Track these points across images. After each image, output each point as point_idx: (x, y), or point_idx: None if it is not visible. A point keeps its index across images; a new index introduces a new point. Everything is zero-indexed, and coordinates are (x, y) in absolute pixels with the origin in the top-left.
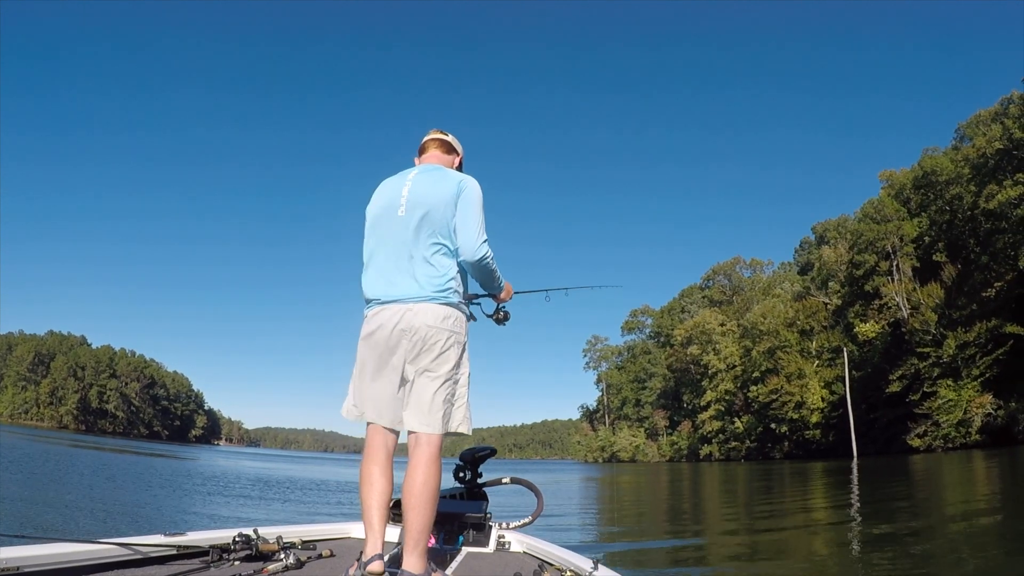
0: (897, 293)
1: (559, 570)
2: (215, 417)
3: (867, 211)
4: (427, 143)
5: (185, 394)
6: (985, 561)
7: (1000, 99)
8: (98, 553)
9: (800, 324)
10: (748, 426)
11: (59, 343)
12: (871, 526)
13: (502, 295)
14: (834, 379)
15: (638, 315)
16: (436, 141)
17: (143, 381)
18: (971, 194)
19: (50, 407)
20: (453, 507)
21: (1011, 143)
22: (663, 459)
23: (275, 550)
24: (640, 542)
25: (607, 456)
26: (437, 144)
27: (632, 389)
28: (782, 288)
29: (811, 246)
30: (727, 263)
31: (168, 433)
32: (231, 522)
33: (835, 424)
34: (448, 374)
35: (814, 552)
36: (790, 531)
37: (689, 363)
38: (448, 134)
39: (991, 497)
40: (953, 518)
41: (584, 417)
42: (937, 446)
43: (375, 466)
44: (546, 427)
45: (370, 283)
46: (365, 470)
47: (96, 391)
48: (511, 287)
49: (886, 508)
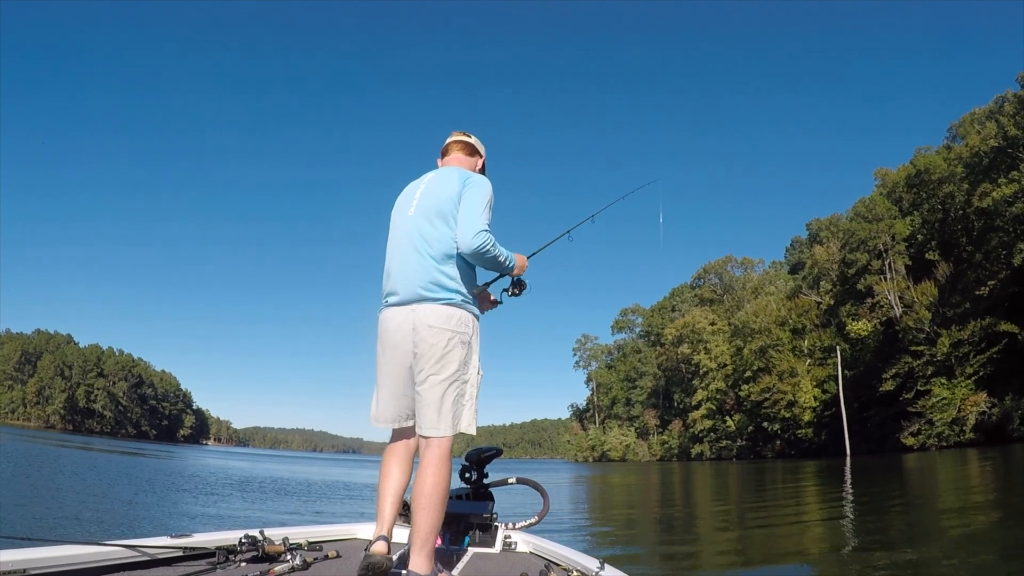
0: (890, 291)
1: (565, 570)
2: (203, 417)
3: (859, 210)
4: (449, 145)
5: (173, 393)
6: (979, 560)
7: (995, 97)
8: (104, 555)
9: (792, 323)
10: (739, 425)
11: (46, 342)
12: (867, 524)
13: (515, 272)
14: (826, 378)
15: (628, 314)
16: (459, 143)
17: (131, 380)
18: (964, 192)
19: (37, 407)
20: (459, 508)
21: (1006, 141)
22: (653, 458)
23: (281, 551)
24: (639, 542)
25: (597, 455)
26: (460, 146)
27: (622, 388)
28: (775, 286)
29: (802, 245)
30: (718, 262)
31: (156, 433)
32: (236, 523)
33: (827, 423)
34: (454, 375)
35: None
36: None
37: (680, 362)
38: (471, 136)
39: (985, 496)
40: (947, 517)
41: (574, 416)
42: (931, 444)
43: (393, 460)
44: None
45: (384, 284)
46: (383, 464)
47: (83, 390)
48: (523, 258)
49: (880, 506)
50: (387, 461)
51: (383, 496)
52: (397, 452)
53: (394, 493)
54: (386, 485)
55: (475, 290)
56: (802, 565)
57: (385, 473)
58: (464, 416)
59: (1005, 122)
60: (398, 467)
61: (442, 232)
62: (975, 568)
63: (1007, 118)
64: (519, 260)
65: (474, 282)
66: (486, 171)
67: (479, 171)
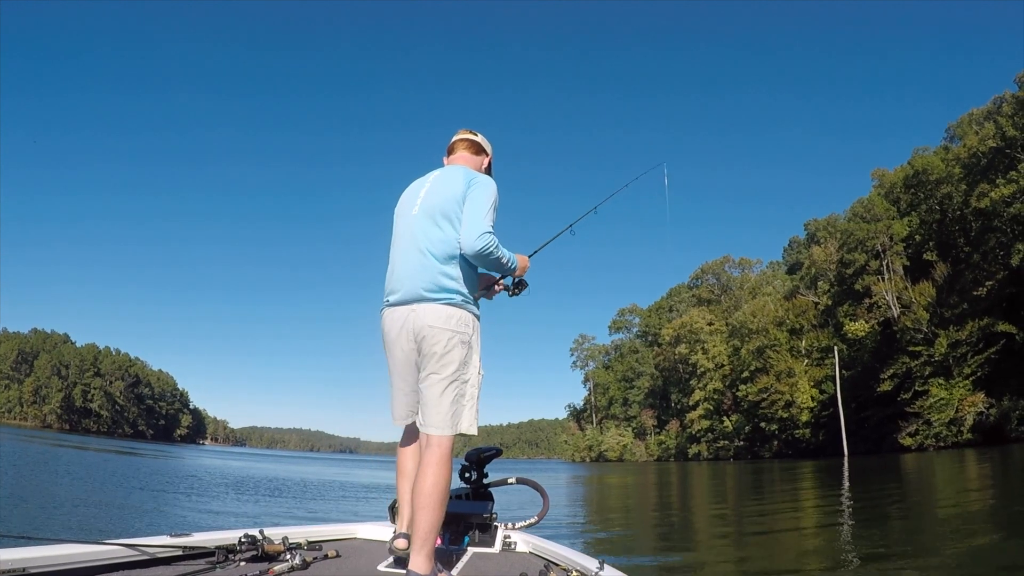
0: (888, 292)
1: (565, 570)
2: (200, 416)
3: (857, 210)
4: (455, 143)
5: (170, 393)
6: (976, 560)
7: (993, 98)
8: (104, 554)
9: (789, 323)
10: (737, 425)
11: (43, 341)
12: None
13: (517, 272)
14: (824, 378)
15: (625, 314)
16: (465, 142)
17: (128, 380)
18: (962, 193)
19: (34, 406)
20: (459, 507)
21: (1004, 141)
22: (651, 459)
23: (281, 551)
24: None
25: (594, 456)
26: (466, 145)
27: (619, 388)
28: (772, 287)
29: (800, 245)
30: (716, 262)
31: (153, 432)
32: (232, 523)
33: (825, 423)
34: (454, 375)
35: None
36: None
37: (677, 362)
38: (477, 134)
39: (983, 496)
40: (947, 521)
41: (571, 416)
42: (929, 445)
43: (407, 456)
44: (533, 426)
45: (386, 283)
46: (400, 462)
47: (80, 390)
48: (525, 259)
49: (878, 509)
50: (403, 459)
51: (402, 492)
52: (411, 449)
53: (411, 491)
54: (403, 482)
55: (481, 284)
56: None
57: (403, 471)
58: (464, 417)
59: (1003, 123)
60: (412, 461)
61: (445, 232)
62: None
63: (1005, 119)
64: (521, 261)
65: (475, 282)
66: (492, 170)
67: (485, 170)
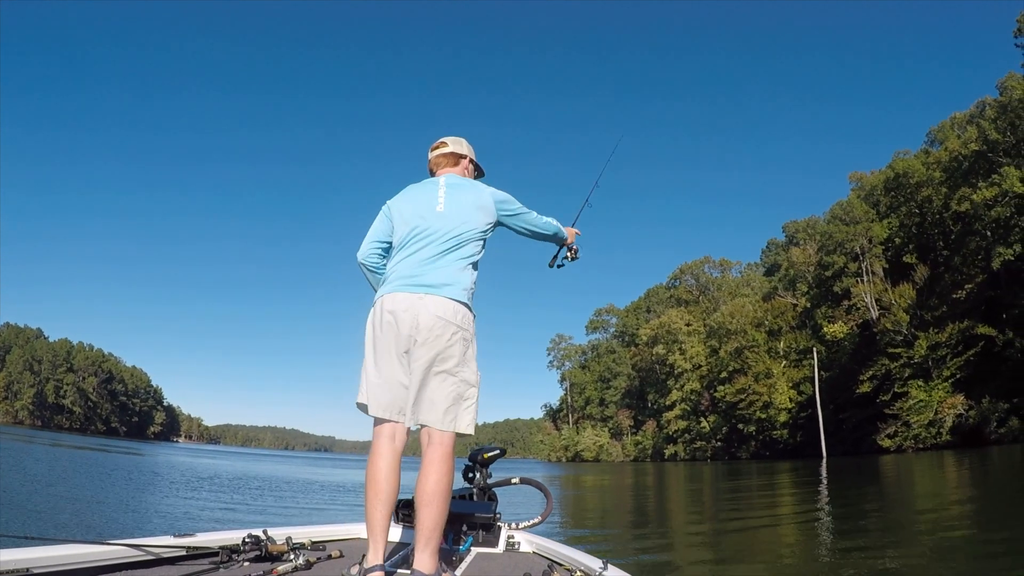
0: (867, 294)
1: (569, 570)
2: (174, 414)
3: (836, 213)
4: (434, 162)
5: (144, 389)
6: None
7: (975, 102)
8: (107, 554)
9: (768, 324)
10: (714, 426)
11: (15, 336)
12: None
13: (568, 240)
14: (802, 379)
15: (603, 314)
16: (441, 157)
17: (101, 376)
18: (942, 196)
19: (5, 401)
20: (463, 507)
21: (986, 145)
22: (627, 459)
23: (284, 551)
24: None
25: (571, 456)
26: (444, 160)
27: (596, 388)
28: (751, 288)
29: (778, 247)
30: (695, 263)
31: (126, 430)
32: (229, 523)
33: (803, 424)
34: (455, 369)
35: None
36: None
37: (654, 363)
38: (448, 142)
39: (961, 498)
40: (923, 519)
41: (547, 416)
42: (907, 446)
43: (382, 464)
44: (508, 426)
45: (391, 270)
46: (371, 468)
47: (52, 385)
48: (572, 230)
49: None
50: (375, 464)
51: (374, 510)
52: (385, 452)
53: (386, 507)
54: (376, 496)
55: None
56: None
57: (373, 480)
58: (464, 416)
59: (986, 126)
60: (388, 471)
61: (469, 239)
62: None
63: (988, 122)
64: (569, 232)
65: (474, 283)
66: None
67: (472, 172)
